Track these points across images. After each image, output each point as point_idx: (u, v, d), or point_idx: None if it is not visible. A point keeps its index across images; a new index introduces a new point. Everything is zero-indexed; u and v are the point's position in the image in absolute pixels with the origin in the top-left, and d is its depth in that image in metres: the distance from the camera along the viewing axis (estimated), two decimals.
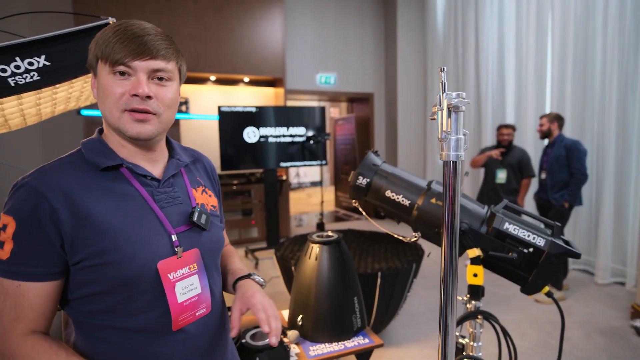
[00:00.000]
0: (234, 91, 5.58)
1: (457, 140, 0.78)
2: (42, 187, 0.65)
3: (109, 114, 0.70)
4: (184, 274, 0.74)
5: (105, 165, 0.71)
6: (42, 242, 0.64)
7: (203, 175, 0.91)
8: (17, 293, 0.64)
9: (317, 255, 1.44)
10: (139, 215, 0.71)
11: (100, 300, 0.68)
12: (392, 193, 1.40)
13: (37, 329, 0.66)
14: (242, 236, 5.16)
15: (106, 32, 0.69)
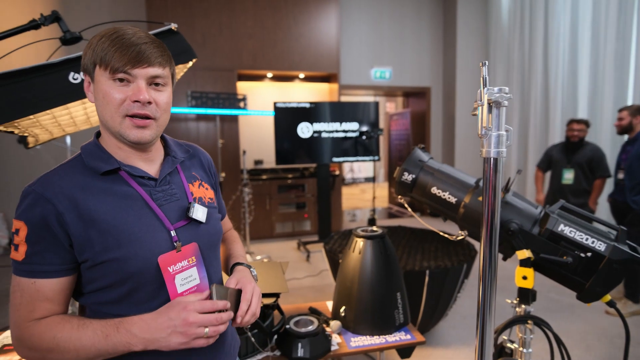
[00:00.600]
0: (290, 87, 5.73)
1: (498, 136, 0.77)
2: (48, 193, 0.69)
3: (110, 119, 0.73)
4: (183, 266, 0.78)
5: (104, 170, 0.74)
6: (52, 243, 0.69)
7: (199, 170, 0.93)
8: (32, 289, 0.70)
9: (361, 249, 1.46)
10: (138, 215, 0.75)
11: (109, 292, 0.74)
12: (438, 190, 1.38)
13: (52, 314, 0.72)
14: (295, 228, 5.30)
15: (103, 40, 0.72)
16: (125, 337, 0.70)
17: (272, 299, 1.25)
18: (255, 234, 5.14)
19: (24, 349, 0.71)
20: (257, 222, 5.14)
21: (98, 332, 0.69)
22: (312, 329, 1.31)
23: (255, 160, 5.65)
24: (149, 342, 0.70)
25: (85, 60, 0.74)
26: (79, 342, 0.69)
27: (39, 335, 0.69)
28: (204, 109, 4.30)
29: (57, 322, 0.71)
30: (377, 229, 1.54)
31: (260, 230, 5.17)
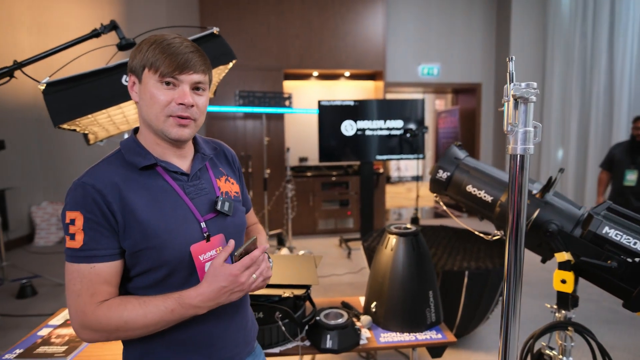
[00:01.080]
0: (335, 85, 5.76)
1: (525, 133, 0.75)
2: (98, 184, 0.76)
3: (154, 118, 0.81)
4: (211, 255, 0.85)
5: (142, 165, 0.81)
6: (106, 229, 0.76)
7: (225, 165, 1.00)
8: (92, 273, 0.76)
9: (393, 246, 1.47)
10: (173, 207, 0.82)
11: (148, 277, 0.81)
12: (474, 188, 1.35)
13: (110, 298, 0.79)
14: (338, 226, 5.34)
15: (153, 46, 0.79)
16: (190, 310, 0.78)
17: (303, 290, 1.30)
18: (298, 230, 5.24)
19: (89, 332, 0.76)
20: (300, 218, 5.24)
21: (161, 308, 0.76)
22: (341, 321, 1.34)
23: (300, 158, 5.76)
24: (214, 306, 0.80)
25: (134, 62, 0.81)
26: (145, 319, 0.76)
27: (106, 317, 0.75)
28: (251, 108, 4.46)
29: (119, 302, 0.77)
30: (411, 226, 1.54)
31: (303, 226, 5.27)
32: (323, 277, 3.74)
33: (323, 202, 5.30)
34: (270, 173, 4.74)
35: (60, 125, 1.17)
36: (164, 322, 0.77)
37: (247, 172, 5.07)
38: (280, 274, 1.38)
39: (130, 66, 0.83)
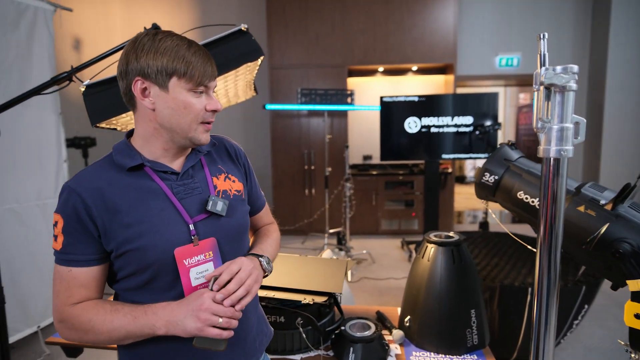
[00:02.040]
0: (402, 81, 5.53)
1: (562, 130, 0.60)
2: (79, 189, 0.76)
3: (186, 126, 0.79)
4: (199, 260, 0.80)
5: (129, 165, 0.79)
6: (83, 235, 0.76)
7: (227, 161, 0.95)
8: (69, 276, 0.77)
9: (431, 256, 1.32)
10: (160, 208, 0.79)
11: (132, 280, 0.80)
12: (526, 195, 1.15)
13: (87, 299, 0.79)
14: (402, 227, 5.14)
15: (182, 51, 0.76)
16: (151, 319, 0.75)
17: (324, 297, 1.23)
18: (359, 229, 5.15)
19: (65, 330, 0.78)
20: (363, 218, 5.14)
21: (128, 316, 0.75)
22: (367, 334, 1.24)
23: (364, 156, 5.65)
24: (170, 325, 0.75)
25: (152, 68, 0.75)
26: (110, 325, 0.75)
27: (77, 318, 0.76)
28: (312, 106, 4.46)
29: (91, 306, 0.77)
30: (454, 234, 1.37)
31: (365, 225, 5.16)
32: (380, 279, 3.61)
33: (387, 202, 5.13)
34: (331, 171, 4.71)
35: (97, 125, 1.24)
36: (125, 331, 0.75)
37: (310, 169, 5.10)
38: (304, 279, 1.32)
39: (138, 70, 0.76)
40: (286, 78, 5.04)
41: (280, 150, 5.15)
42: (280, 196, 5.21)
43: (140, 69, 0.76)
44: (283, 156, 5.16)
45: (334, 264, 1.45)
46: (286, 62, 5.02)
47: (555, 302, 0.65)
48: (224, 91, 1.46)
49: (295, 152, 5.14)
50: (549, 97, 0.59)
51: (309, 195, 5.17)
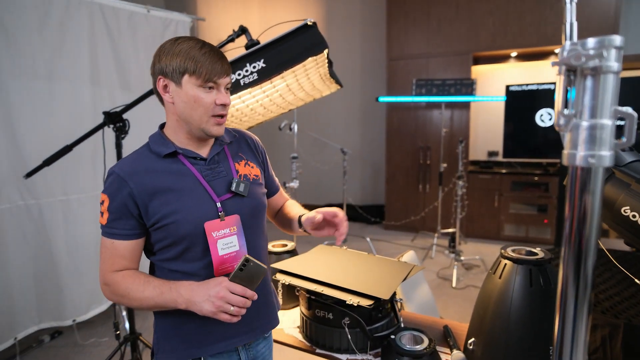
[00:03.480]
0: (540, 67, 4.76)
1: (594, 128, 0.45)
2: (122, 173, 0.90)
3: (198, 118, 0.91)
4: (225, 233, 0.93)
5: (165, 153, 0.93)
6: (124, 213, 0.89)
7: (246, 150, 1.08)
8: (112, 247, 0.91)
9: (504, 274, 1.12)
10: (191, 188, 0.93)
11: (169, 251, 0.93)
12: (633, 212, 0.88)
13: (128, 269, 0.93)
14: (530, 234, 4.49)
15: (191, 55, 0.87)
16: (174, 295, 0.88)
17: (370, 301, 1.16)
18: (477, 232, 4.70)
19: (107, 292, 0.93)
20: (482, 220, 4.67)
21: (156, 290, 0.88)
22: (418, 348, 1.14)
23: (489, 152, 5.09)
24: (189, 303, 0.87)
25: (168, 67, 0.89)
26: (142, 294, 0.89)
27: (117, 284, 0.91)
28: (426, 97, 4.21)
29: (129, 275, 0.92)
30: (540, 251, 1.14)
31: (485, 229, 4.68)
32: None
33: (512, 204, 4.54)
34: (446, 167, 4.39)
35: None
36: (153, 302, 0.88)
37: (425, 164, 4.85)
38: (357, 278, 1.28)
39: (160, 70, 0.90)
40: (404, 69, 4.86)
41: (395, 143, 5.02)
42: (392, 190, 5.10)
43: (161, 69, 0.90)
44: (397, 150, 5.02)
45: (395, 268, 1.36)
46: (405, 53, 4.84)
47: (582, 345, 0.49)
48: (297, 86, 1.50)
49: (410, 146, 4.95)
50: (572, 82, 0.43)
51: (423, 191, 4.93)
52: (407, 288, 1.73)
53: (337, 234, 1.05)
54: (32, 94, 2.33)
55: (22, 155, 2.30)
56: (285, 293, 1.53)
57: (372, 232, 5.08)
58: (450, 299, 3.16)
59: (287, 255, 1.59)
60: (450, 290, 3.32)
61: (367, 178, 5.95)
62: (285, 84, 1.44)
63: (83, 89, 2.53)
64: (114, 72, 2.67)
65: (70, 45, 2.45)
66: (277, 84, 1.42)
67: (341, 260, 1.44)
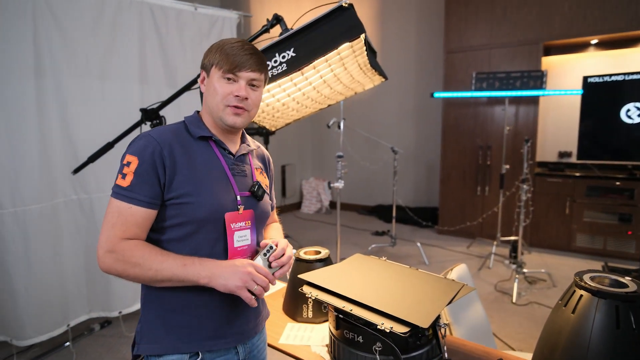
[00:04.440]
0: (629, 55, 4.15)
1: None
2: (160, 139, 0.90)
3: (215, 106, 0.95)
4: (241, 226, 0.97)
5: (199, 135, 0.96)
6: (152, 179, 0.88)
7: (261, 162, 1.14)
8: (128, 213, 0.87)
9: (579, 308, 0.89)
10: (216, 176, 0.95)
11: (176, 230, 0.91)
12: None
13: (137, 238, 0.89)
14: (609, 246, 3.95)
15: (220, 49, 0.93)
16: (198, 268, 0.87)
17: (406, 328, 0.98)
18: (542, 242, 4.24)
19: (111, 259, 0.85)
20: (549, 228, 4.20)
21: (178, 261, 0.86)
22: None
23: (561, 152, 4.57)
24: (214, 277, 0.86)
25: (205, 61, 0.97)
26: (160, 265, 0.85)
27: (129, 251, 0.85)
28: (485, 92, 3.85)
29: (145, 245, 0.88)
30: (632, 282, 0.89)
31: (552, 238, 4.21)
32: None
33: (587, 212, 4.02)
34: (509, 168, 3.99)
35: None
36: (171, 273, 0.85)
37: (485, 165, 4.46)
38: (393, 298, 1.10)
39: (202, 64, 0.99)
40: (463, 62, 4.50)
41: (452, 141, 4.68)
42: (447, 192, 4.77)
43: (203, 64, 0.99)
44: (454, 148, 4.68)
45: (441, 287, 1.17)
46: (464, 44, 4.48)
47: None
48: (333, 77, 1.35)
49: (469, 145, 4.58)
50: None
51: (481, 194, 4.54)
52: (456, 307, 1.52)
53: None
54: (86, 92, 2.42)
55: (76, 152, 2.40)
56: (315, 304, 1.39)
57: (424, 236, 4.79)
58: (509, 316, 2.83)
59: (319, 264, 1.45)
60: (509, 306, 2.98)
61: (420, 179, 5.64)
62: (318, 75, 1.30)
63: (132, 87, 2.59)
64: (161, 70, 2.71)
65: (121, 45, 2.51)
66: (310, 76, 1.28)
67: (378, 274, 1.27)
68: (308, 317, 1.41)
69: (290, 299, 1.48)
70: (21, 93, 2.19)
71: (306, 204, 6.50)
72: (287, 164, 6.38)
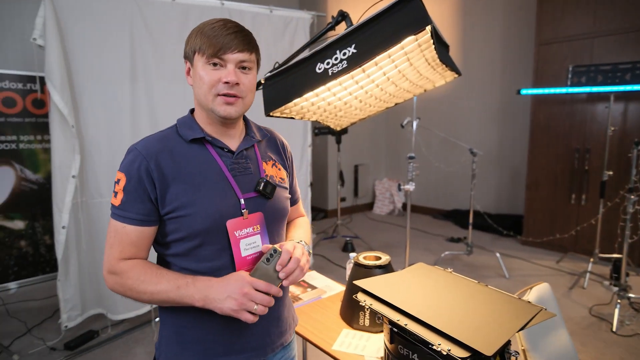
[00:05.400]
0: None
1: None
2: (145, 152, 0.82)
3: (204, 97, 0.85)
4: (248, 232, 0.87)
5: (191, 137, 0.87)
6: (142, 195, 0.82)
7: (274, 152, 1.03)
8: (122, 232, 0.83)
9: None
10: (214, 180, 0.86)
11: (182, 245, 0.85)
12: None
13: (137, 258, 0.85)
14: None
15: (200, 32, 0.83)
16: (191, 290, 0.80)
17: (466, 353, 0.87)
18: None
19: (112, 282, 0.84)
20: None
21: (172, 283, 0.80)
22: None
23: None
24: (208, 300, 0.79)
25: (187, 49, 0.87)
26: (155, 287, 0.80)
27: (125, 273, 0.82)
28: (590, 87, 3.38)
29: (140, 265, 0.83)
30: None
31: None
32: None
33: None
34: (613, 175, 3.46)
35: (271, 114, 1.34)
36: (166, 296, 0.80)
37: (583, 170, 3.94)
38: (454, 314, 0.99)
39: (184, 53, 0.89)
40: (558, 54, 4.02)
41: (542, 143, 4.21)
42: (534, 199, 4.31)
43: (184, 53, 0.89)
44: (544, 151, 4.21)
45: (513, 308, 1.02)
46: (560, 34, 3.99)
47: None
48: (398, 74, 1.27)
49: (562, 147, 4.08)
50: None
51: (577, 203, 4.02)
52: (535, 332, 1.33)
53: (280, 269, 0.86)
54: (172, 94, 2.63)
55: None
56: (372, 313, 1.33)
57: (505, 246, 4.39)
58: (607, 347, 2.45)
59: (378, 270, 1.38)
60: (607, 335, 2.58)
61: (502, 183, 5.18)
62: (382, 72, 1.23)
63: None
64: None
65: None
66: (372, 73, 1.22)
67: (441, 287, 1.17)
68: (364, 325, 1.35)
69: (347, 304, 1.43)
70: (119, 95, 2.46)
71: (378, 204, 6.38)
72: (360, 164, 6.31)
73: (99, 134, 2.43)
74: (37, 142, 3.45)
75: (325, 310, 1.49)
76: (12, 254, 3.39)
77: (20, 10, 3.48)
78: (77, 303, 2.51)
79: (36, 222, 3.50)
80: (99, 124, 2.42)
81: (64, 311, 2.46)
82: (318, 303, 1.56)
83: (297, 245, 0.89)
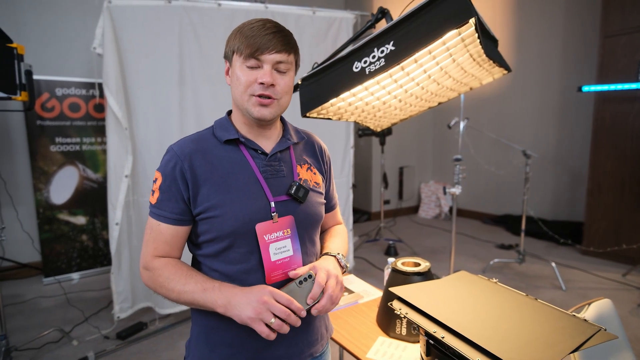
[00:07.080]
0: None
1: None
2: (180, 152, 0.85)
3: (239, 98, 0.85)
4: (278, 237, 0.86)
5: (226, 138, 0.88)
6: (175, 195, 0.84)
7: (311, 155, 1.01)
8: (157, 230, 0.85)
9: None
10: (245, 182, 0.85)
11: (212, 246, 0.85)
12: None
13: (170, 257, 0.87)
14: None
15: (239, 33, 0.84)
16: (216, 295, 0.80)
17: None
18: None
19: (146, 277, 0.87)
20: None
21: (199, 285, 0.81)
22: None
23: None
24: (230, 306, 0.79)
25: (227, 49, 0.88)
26: (182, 287, 0.82)
27: (158, 271, 0.84)
28: None
29: (172, 264, 0.85)
30: None
31: None
32: None
33: None
34: None
35: (307, 115, 1.32)
36: (191, 297, 0.81)
37: None
38: (497, 329, 0.91)
39: (224, 53, 0.90)
40: (626, 47, 3.66)
41: (606, 145, 3.86)
42: (597, 206, 3.96)
43: (225, 54, 0.90)
44: (609, 153, 3.85)
45: (568, 327, 0.92)
46: (630, 25, 3.63)
47: None
48: (440, 72, 1.20)
49: (630, 150, 3.72)
50: None
51: None
52: (592, 355, 1.20)
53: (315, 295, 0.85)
54: (217, 97, 2.71)
55: None
56: (409, 323, 1.27)
57: (562, 255, 4.07)
58: None
59: (417, 277, 1.32)
60: None
61: (560, 188, 4.82)
62: (422, 70, 1.17)
63: None
64: None
65: None
66: (412, 71, 1.16)
67: (484, 299, 1.08)
68: (401, 334, 1.30)
69: (383, 311, 1.38)
70: (169, 98, 2.57)
71: (424, 208, 6.18)
72: (405, 166, 6.16)
73: (149, 135, 2.55)
74: (97, 143, 3.72)
75: (361, 316, 1.45)
76: (75, 247, 3.68)
77: (85, 22, 3.76)
78: (128, 296, 2.66)
79: (96, 218, 3.77)
80: (149, 126, 2.55)
81: (117, 303, 2.61)
82: (354, 308, 1.52)
83: (332, 275, 0.86)
